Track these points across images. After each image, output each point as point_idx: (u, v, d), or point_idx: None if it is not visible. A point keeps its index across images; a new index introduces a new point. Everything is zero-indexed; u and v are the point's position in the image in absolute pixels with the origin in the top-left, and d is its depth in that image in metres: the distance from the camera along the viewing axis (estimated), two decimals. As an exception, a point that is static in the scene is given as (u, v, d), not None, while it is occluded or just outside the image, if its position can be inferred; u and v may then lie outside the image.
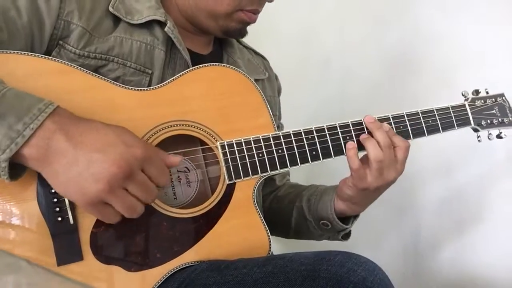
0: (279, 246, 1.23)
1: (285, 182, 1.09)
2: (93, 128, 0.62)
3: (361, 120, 0.86)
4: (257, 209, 0.80)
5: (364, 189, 0.83)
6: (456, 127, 0.92)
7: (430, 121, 0.90)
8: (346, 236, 0.95)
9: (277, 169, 0.81)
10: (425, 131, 0.88)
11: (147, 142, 0.68)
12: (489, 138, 0.95)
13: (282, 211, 1.00)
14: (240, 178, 0.79)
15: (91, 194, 0.59)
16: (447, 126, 0.91)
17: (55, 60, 0.71)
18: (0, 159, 0.57)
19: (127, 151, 0.61)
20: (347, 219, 0.92)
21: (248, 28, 0.90)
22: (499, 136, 0.95)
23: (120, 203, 0.62)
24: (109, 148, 0.60)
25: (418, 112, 0.89)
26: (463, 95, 0.96)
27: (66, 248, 0.67)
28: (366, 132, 0.85)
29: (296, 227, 0.97)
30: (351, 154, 0.82)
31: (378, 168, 0.81)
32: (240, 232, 0.79)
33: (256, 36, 0.91)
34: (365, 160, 0.82)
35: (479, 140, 0.95)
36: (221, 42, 0.98)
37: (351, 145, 0.83)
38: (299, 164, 0.82)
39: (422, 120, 0.89)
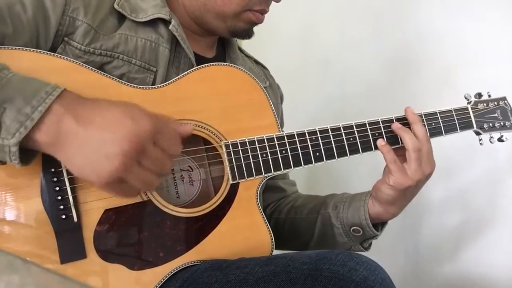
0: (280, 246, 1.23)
1: (298, 193, 1.08)
2: (101, 106, 0.61)
3: (364, 121, 0.86)
4: (260, 209, 0.80)
5: (405, 187, 0.81)
6: (458, 130, 0.92)
7: (433, 124, 0.90)
8: (369, 246, 0.94)
9: (281, 169, 0.81)
10: (428, 134, 0.89)
11: (156, 113, 0.66)
12: (490, 142, 0.96)
13: (304, 221, 0.98)
14: (244, 178, 0.79)
15: (106, 173, 0.58)
16: (450, 129, 0.91)
17: (60, 57, 0.71)
18: (10, 143, 0.56)
19: (137, 127, 0.59)
20: (375, 225, 0.90)
21: (253, 29, 0.90)
22: (500, 140, 0.96)
23: (136, 178, 0.61)
24: (118, 125, 0.59)
25: (422, 115, 0.90)
26: (465, 98, 0.96)
27: (69, 246, 0.67)
28: (370, 134, 0.85)
29: (320, 236, 0.95)
30: (387, 149, 0.82)
31: (416, 158, 0.81)
32: (243, 232, 0.79)
33: (256, 36, 0.91)
34: (401, 157, 0.83)
35: (481, 143, 0.95)
36: (224, 47, 0.98)
37: (382, 141, 0.83)
38: (303, 165, 0.82)
39: (425, 122, 0.89)
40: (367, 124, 0.86)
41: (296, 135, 0.82)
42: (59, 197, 0.67)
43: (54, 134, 0.58)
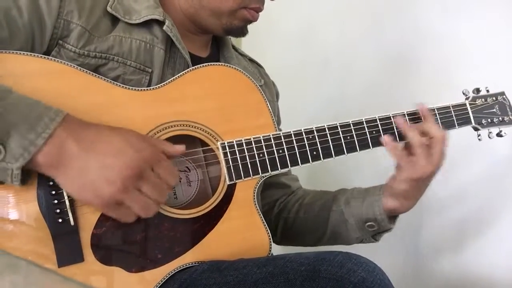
0: (279, 246, 1.23)
1: (304, 189, 1.07)
2: (102, 133, 0.65)
3: (361, 119, 0.86)
4: (257, 209, 0.80)
5: (417, 180, 0.82)
6: (457, 126, 0.92)
7: (432, 120, 0.90)
8: (380, 238, 0.94)
9: (278, 169, 0.81)
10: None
11: (154, 141, 0.71)
12: (489, 137, 0.95)
13: (315, 218, 0.97)
14: (241, 178, 0.79)
15: (106, 196, 0.62)
16: (448, 125, 0.91)
17: (55, 60, 0.71)
18: (13, 167, 0.59)
19: (137, 155, 0.64)
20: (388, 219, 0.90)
21: (247, 27, 0.90)
22: (499, 135, 0.95)
23: (135, 202, 0.65)
24: (119, 153, 0.63)
25: (418, 111, 0.89)
26: (464, 93, 0.96)
27: (67, 249, 0.67)
28: (367, 132, 0.85)
29: (333, 232, 0.95)
30: (391, 147, 0.83)
31: (423, 153, 0.81)
32: (241, 233, 0.79)
33: (255, 35, 0.91)
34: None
35: (479, 139, 0.95)
36: (219, 46, 0.97)
37: (387, 138, 0.84)
38: (300, 164, 0.82)
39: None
40: (364, 122, 0.86)
41: (293, 135, 0.82)
42: (56, 201, 0.67)
43: (56, 157, 0.61)
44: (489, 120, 0.95)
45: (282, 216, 1.02)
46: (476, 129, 0.95)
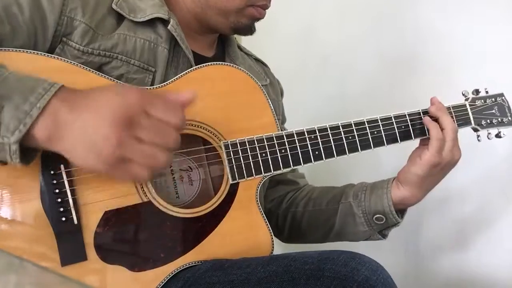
0: (281, 246, 1.23)
1: (312, 185, 1.08)
2: (94, 93, 0.60)
3: (363, 120, 0.86)
4: (260, 209, 0.80)
5: (436, 165, 0.84)
6: (457, 127, 0.93)
7: (432, 121, 0.90)
8: (387, 234, 0.95)
9: (280, 169, 0.81)
10: (427, 131, 0.89)
11: (151, 89, 0.65)
12: (488, 138, 0.96)
13: (323, 212, 0.97)
14: (244, 178, 0.79)
15: (105, 154, 0.57)
16: (448, 126, 0.92)
17: (57, 58, 0.71)
18: (10, 142, 0.56)
19: (122, 99, 0.58)
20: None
21: (255, 25, 0.90)
22: (498, 136, 0.96)
23: (137, 153, 0.58)
24: (106, 105, 0.58)
25: (420, 112, 0.90)
26: (463, 94, 0.96)
27: (69, 248, 0.67)
28: (369, 132, 0.86)
29: (340, 227, 0.95)
30: (435, 124, 0.86)
31: (453, 138, 0.85)
32: (243, 232, 0.79)
33: (255, 35, 0.91)
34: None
35: (479, 140, 0.96)
36: (224, 46, 0.97)
37: (428, 118, 0.88)
38: (302, 164, 0.82)
39: (424, 120, 0.89)
40: (365, 123, 0.86)
41: (295, 134, 0.82)
42: (59, 199, 0.66)
43: (52, 128, 0.57)
44: (488, 121, 0.96)
45: (291, 210, 1.02)
46: (475, 130, 0.96)
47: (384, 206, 0.89)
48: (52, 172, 0.67)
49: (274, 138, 0.81)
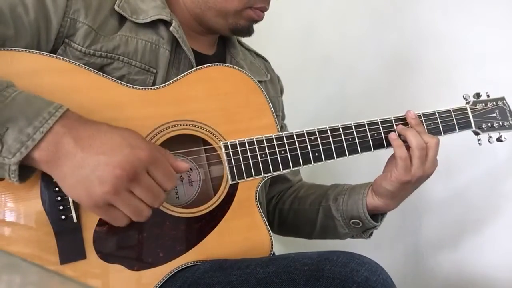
0: (280, 246, 1.23)
1: (302, 182, 1.09)
2: (101, 131, 0.62)
3: (363, 122, 0.86)
4: (259, 209, 0.80)
5: (406, 182, 0.83)
6: (457, 130, 0.93)
7: (432, 124, 0.90)
8: (370, 234, 0.95)
9: (280, 170, 0.81)
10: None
11: (155, 145, 0.69)
12: (489, 141, 0.96)
13: (306, 212, 0.99)
14: (243, 178, 0.79)
15: (96, 196, 0.60)
16: (449, 129, 0.92)
17: (60, 58, 0.71)
18: (11, 162, 0.58)
19: (132, 153, 0.61)
20: (375, 216, 0.92)
21: (253, 27, 0.90)
22: (499, 140, 0.96)
23: (126, 205, 0.62)
24: (114, 151, 0.60)
25: (420, 115, 0.90)
26: (464, 98, 0.97)
27: (69, 246, 0.67)
28: (369, 134, 0.86)
29: (322, 228, 0.97)
30: (399, 144, 0.84)
31: (420, 156, 0.82)
32: (242, 232, 0.79)
33: (255, 35, 0.91)
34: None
35: (479, 143, 0.96)
36: (225, 44, 0.98)
37: (394, 135, 0.85)
38: (302, 165, 0.82)
39: (424, 123, 0.89)
40: (366, 125, 0.86)
41: (295, 136, 0.82)
42: (59, 198, 0.67)
43: (53, 154, 0.59)
44: (489, 124, 0.96)
45: (278, 207, 1.05)
46: (476, 133, 0.96)
47: (359, 212, 0.90)
48: (52, 170, 0.67)
49: (274, 139, 0.81)
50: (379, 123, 0.87)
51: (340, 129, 0.85)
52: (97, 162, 0.59)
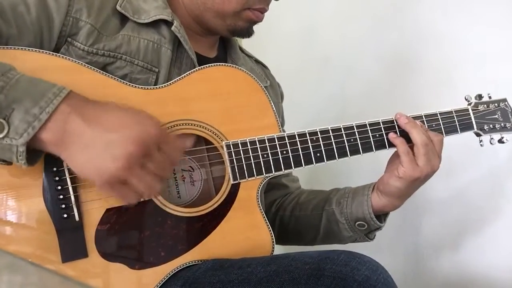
0: (281, 246, 1.23)
1: (301, 189, 1.09)
2: (108, 109, 0.63)
3: (365, 122, 0.87)
4: (260, 209, 0.80)
5: (416, 179, 0.82)
6: (459, 132, 0.93)
7: (434, 125, 0.90)
8: (373, 237, 0.95)
9: (282, 169, 0.81)
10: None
11: (160, 122, 0.69)
12: (491, 143, 0.96)
13: (308, 218, 0.98)
14: (245, 178, 0.79)
15: (109, 173, 0.60)
16: (450, 130, 0.92)
17: (63, 57, 0.72)
18: (18, 144, 0.58)
19: (144, 131, 0.62)
20: (378, 217, 0.91)
21: (253, 28, 0.90)
22: (501, 141, 0.96)
23: (139, 181, 0.62)
24: (125, 128, 0.61)
25: (422, 116, 0.90)
26: (466, 99, 0.97)
27: (71, 244, 0.67)
28: (371, 135, 0.86)
29: (326, 233, 0.96)
30: (399, 141, 0.84)
31: (425, 152, 0.82)
32: (244, 232, 0.79)
33: (256, 36, 0.91)
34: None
35: (481, 145, 0.96)
36: (226, 48, 0.98)
37: (394, 134, 0.85)
38: (303, 165, 0.82)
39: (426, 124, 0.89)
40: (367, 125, 0.87)
41: (297, 136, 0.82)
42: (61, 196, 0.67)
43: (60, 133, 0.59)
44: (491, 126, 0.96)
45: (279, 214, 1.04)
46: (478, 134, 0.96)
47: (364, 213, 0.89)
48: (54, 169, 0.67)
49: (276, 139, 0.81)
50: (381, 123, 0.87)
51: (342, 129, 0.85)
52: (108, 139, 0.60)
